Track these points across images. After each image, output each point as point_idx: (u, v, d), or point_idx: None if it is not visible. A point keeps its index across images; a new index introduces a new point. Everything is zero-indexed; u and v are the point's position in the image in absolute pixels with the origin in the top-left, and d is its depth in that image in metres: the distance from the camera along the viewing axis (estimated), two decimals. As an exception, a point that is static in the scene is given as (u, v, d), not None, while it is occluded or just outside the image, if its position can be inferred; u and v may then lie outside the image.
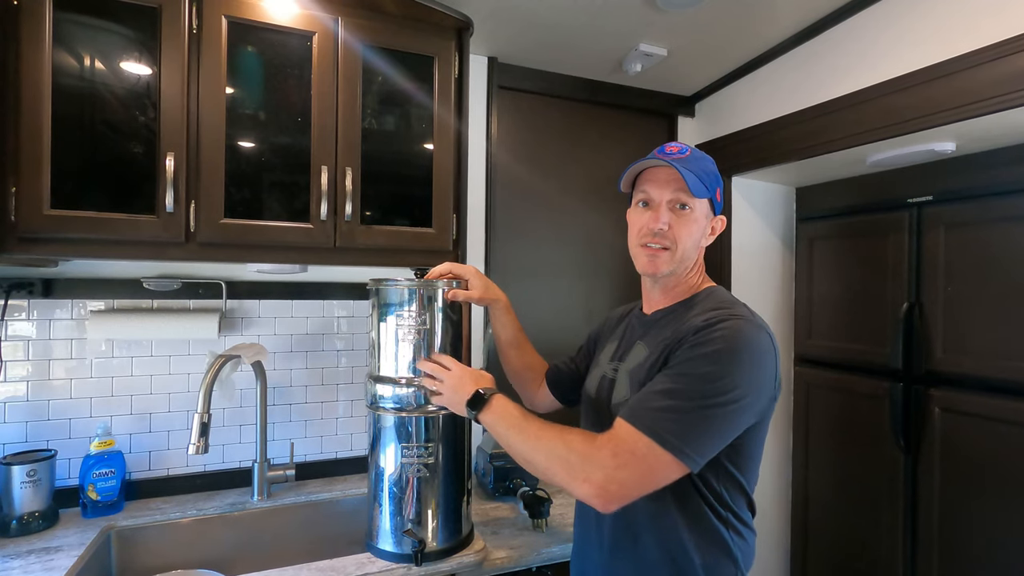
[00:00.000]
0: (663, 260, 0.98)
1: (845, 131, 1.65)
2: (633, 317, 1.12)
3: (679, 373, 0.85)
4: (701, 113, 2.28)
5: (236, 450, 1.62)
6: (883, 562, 1.86)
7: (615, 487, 0.81)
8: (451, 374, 1.12)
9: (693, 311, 0.96)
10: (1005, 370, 1.55)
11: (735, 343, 0.84)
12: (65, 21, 1.16)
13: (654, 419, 0.81)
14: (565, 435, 0.88)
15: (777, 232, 2.33)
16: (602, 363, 1.10)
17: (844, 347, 2.04)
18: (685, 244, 0.98)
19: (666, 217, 0.97)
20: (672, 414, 0.81)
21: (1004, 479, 1.54)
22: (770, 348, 0.87)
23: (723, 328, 0.85)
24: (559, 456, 0.86)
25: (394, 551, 1.22)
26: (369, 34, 1.39)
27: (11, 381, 1.42)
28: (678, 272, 1.01)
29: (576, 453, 0.84)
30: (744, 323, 0.87)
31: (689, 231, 0.98)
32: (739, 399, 0.82)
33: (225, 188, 1.27)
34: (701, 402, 0.81)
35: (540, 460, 0.88)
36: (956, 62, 1.38)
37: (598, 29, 1.72)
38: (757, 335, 0.86)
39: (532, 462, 0.90)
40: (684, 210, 0.97)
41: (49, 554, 1.22)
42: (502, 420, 0.97)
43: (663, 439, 0.80)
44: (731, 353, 0.83)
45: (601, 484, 0.81)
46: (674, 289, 1.03)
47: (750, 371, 0.84)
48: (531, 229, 2.07)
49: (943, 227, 1.71)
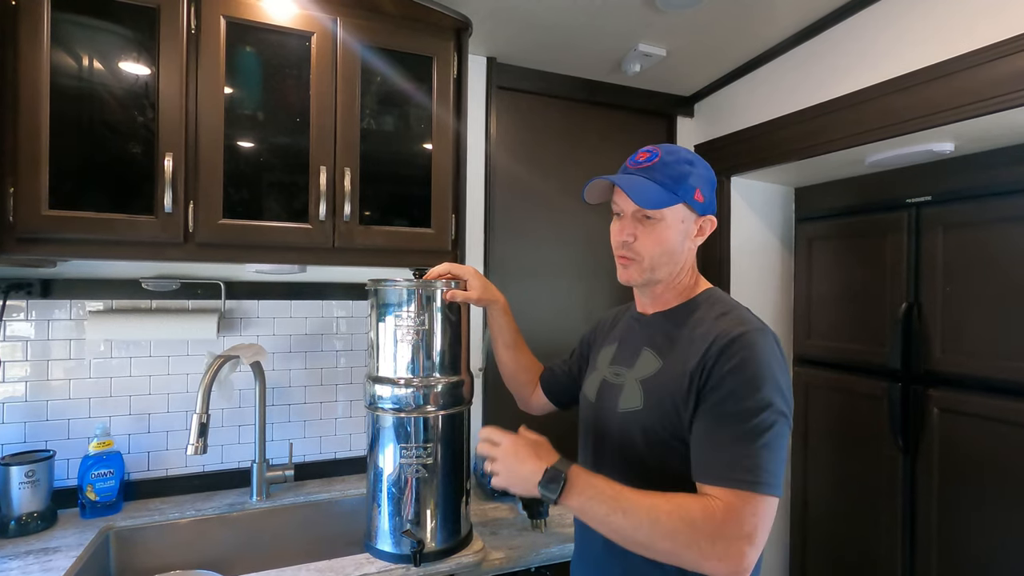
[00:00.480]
0: (632, 271, 0.99)
1: (844, 131, 1.65)
2: (629, 318, 1.11)
3: (737, 412, 0.82)
4: (700, 113, 2.28)
5: (235, 450, 1.62)
6: (882, 561, 1.86)
7: (751, 557, 0.77)
8: (501, 450, 0.93)
9: (696, 317, 0.95)
10: (1004, 370, 1.55)
11: (765, 358, 0.84)
12: (63, 21, 1.15)
13: (752, 471, 0.79)
14: (681, 512, 0.78)
15: (776, 232, 2.33)
16: (600, 366, 1.09)
17: (843, 347, 2.04)
18: (652, 253, 0.96)
19: (630, 229, 0.97)
20: (758, 458, 0.80)
21: (1003, 479, 1.55)
22: (777, 346, 0.89)
23: (749, 344, 0.85)
24: (685, 541, 0.77)
25: (393, 551, 1.22)
26: (368, 34, 1.39)
27: (9, 381, 1.42)
28: (657, 279, 0.99)
29: (703, 534, 0.77)
30: (759, 333, 0.87)
31: (656, 240, 0.96)
32: (787, 410, 0.85)
33: (224, 188, 1.27)
34: (769, 432, 0.81)
35: (662, 544, 0.79)
36: (955, 62, 1.38)
37: (597, 29, 1.72)
38: (772, 341, 0.87)
39: (649, 547, 0.80)
40: (650, 220, 0.96)
41: (47, 555, 1.22)
42: (597, 502, 0.83)
43: (769, 486, 0.79)
44: (767, 369, 0.84)
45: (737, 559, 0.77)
46: (664, 294, 1.02)
47: (784, 377, 0.86)
48: (530, 229, 2.07)
49: (942, 227, 1.72)
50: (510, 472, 0.91)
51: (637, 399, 0.95)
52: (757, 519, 0.78)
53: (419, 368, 1.24)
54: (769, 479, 0.79)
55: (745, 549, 0.77)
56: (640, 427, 0.93)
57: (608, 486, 0.84)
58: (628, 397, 0.97)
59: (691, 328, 0.95)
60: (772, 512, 0.80)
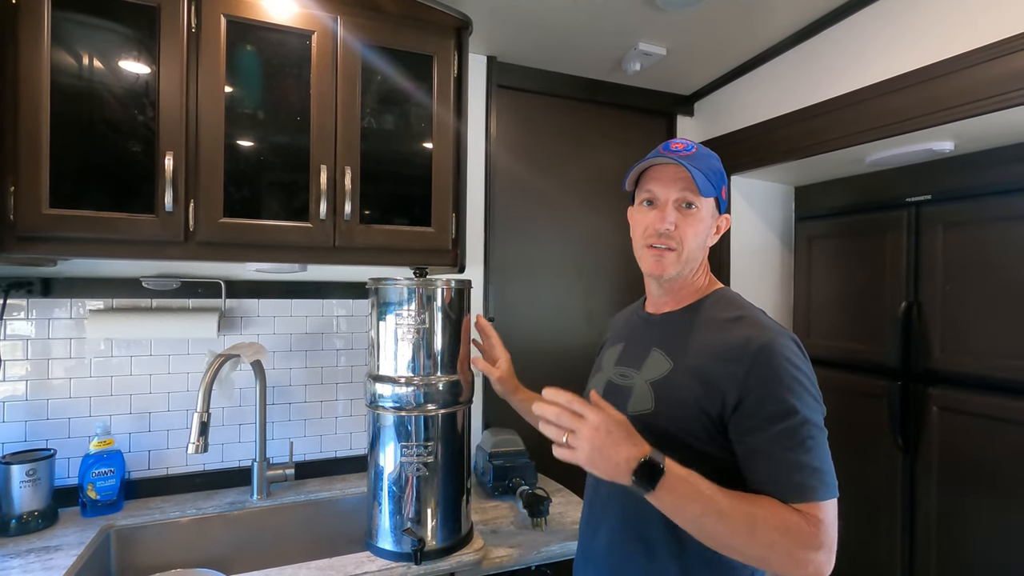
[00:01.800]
0: (669, 261, 0.95)
1: (844, 130, 1.66)
2: (637, 318, 1.08)
3: (784, 426, 0.83)
4: (700, 112, 2.28)
5: (235, 449, 1.62)
6: (881, 558, 1.87)
7: (830, 567, 0.80)
8: (589, 425, 0.81)
9: (708, 316, 0.95)
10: (1003, 369, 1.56)
11: (793, 365, 0.85)
12: (64, 20, 1.15)
13: (823, 484, 0.81)
14: (777, 521, 0.78)
15: (776, 231, 2.33)
16: (606, 367, 1.07)
17: (843, 346, 2.04)
18: (691, 245, 0.95)
19: (672, 216, 0.94)
20: (819, 468, 0.82)
21: (1002, 478, 1.55)
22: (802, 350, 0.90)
23: (777, 356, 0.85)
24: (778, 549, 0.78)
25: (394, 550, 1.22)
26: (368, 33, 1.39)
27: (10, 380, 1.42)
28: (684, 274, 0.98)
29: (798, 544, 0.78)
30: (785, 336, 0.87)
31: (695, 231, 0.95)
32: (822, 412, 0.86)
33: (224, 187, 1.27)
34: (817, 436, 0.83)
35: (756, 551, 0.79)
36: (954, 61, 1.38)
37: (597, 28, 1.72)
38: (795, 347, 0.88)
39: (743, 552, 0.80)
40: (691, 209, 0.94)
41: (48, 553, 1.22)
42: (691, 500, 0.79)
43: (834, 488, 0.82)
44: (803, 375, 0.85)
45: (820, 569, 0.79)
46: (680, 291, 1.00)
47: (812, 380, 0.86)
48: (530, 228, 2.07)
49: (941, 226, 1.72)
50: (599, 453, 0.81)
51: (648, 401, 0.93)
52: (833, 527, 0.81)
53: (420, 367, 1.24)
54: (831, 481, 0.82)
55: (831, 558, 0.80)
56: (652, 430, 0.89)
57: (704, 484, 0.80)
58: (638, 400, 0.94)
59: (705, 329, 0.93)
60: (834, 513, 0.82)
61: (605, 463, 0.81)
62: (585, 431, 0.81)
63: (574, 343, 2.14)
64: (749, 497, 0.81)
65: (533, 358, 2.03)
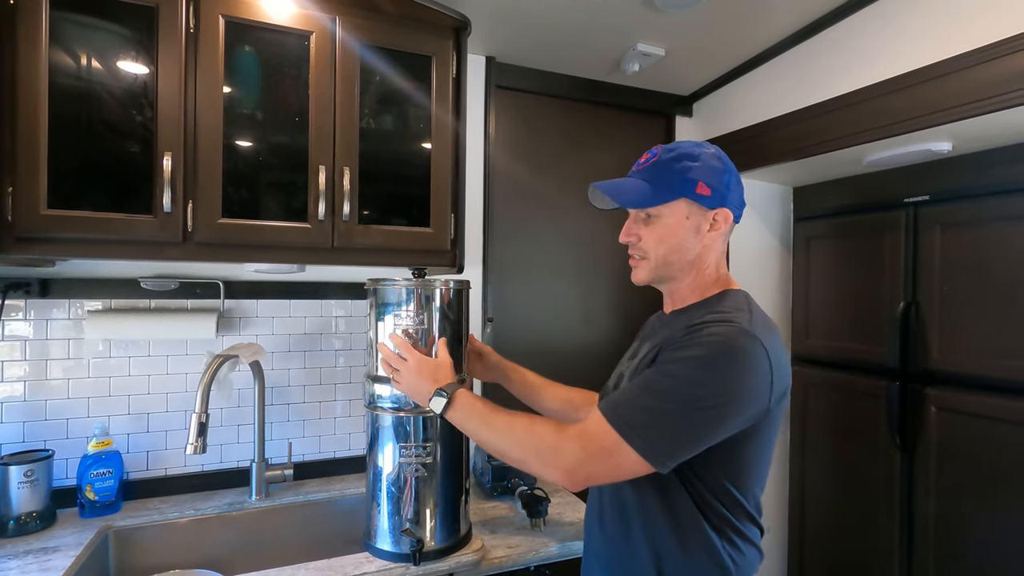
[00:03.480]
0: (641, 270, 1.01)
1: (842, 131, 1.66)
2: (656, 318, 1.13)
3: (660, 373, 0.86)
4: (699, 113, 2.29)
5: (234, 450, 1.62)
6: (880, 558, 1.87)
7: (582, 476, 0.89)
8: (407, 366, 1.13)
9: (699, 312, 0.95)
10: (1001, 369, 1.56)
11: (718, 349, 0.83)
12: (62, 20, 1.15)
13: (626, 416, 0.85)
14: (535, 426, 0.94)
15: (774, 232, 2.34)
16: (622, 361, 1.12)
17: (841, 346, 2.04)
18: (657, 252, 0.97)
19: (633, 228, 1.01)
20: (645, 414, 0.84)
21: (1000, 477, 1.55)
22: (762, 357, 0.83)
23: (711, 334, 0.84)
24: (531, 448, 0.93)
25: (392, 550, 1.22)
26: (367, 33, 1.39)
27: (8, 381, 1.41)
28: (669, 276, 1.00)
29: (547, 444, 0.91)
30: (734, 329, 0.84)
31: (658, 238, 0.97)
32: (716, 406, 0.82)
33: (223, 188, 1.27)
34: (674, 405, 0.83)
35: (513, 452, 0.95)
36: (952, 62, 1.38)
37: (596, 28, 1.72)
38: (747, 343, 0.83)
39: (505, 454, 0.97)
40: (651, 218, 0.98)
41: (47, 554, 1.21)
42: (470, 417, 1.03)
43: (631, 438, 0.83)
44: (712, 359, 0.82)
45: (570, 471, 0.88)
46: (675, 294, 1.03)
47: (733, 378, 0.82)
48: (529, 229, 2.07)
49: (939, 227, 1.72)
50: (409, 386, 1.12)
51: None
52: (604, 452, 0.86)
53: (418, 367, 1.24)
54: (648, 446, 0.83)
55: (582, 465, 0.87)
56: None
57: (486, 407, 1.02)
58: (623, 385, 1.00)
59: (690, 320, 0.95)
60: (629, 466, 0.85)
61: (415, 394, 1.12)
62: (403, 370, 1.13)
63: (573, 343, 2.14)
64: (527, 415, 0.98)
65: (532, 358, 2.02)
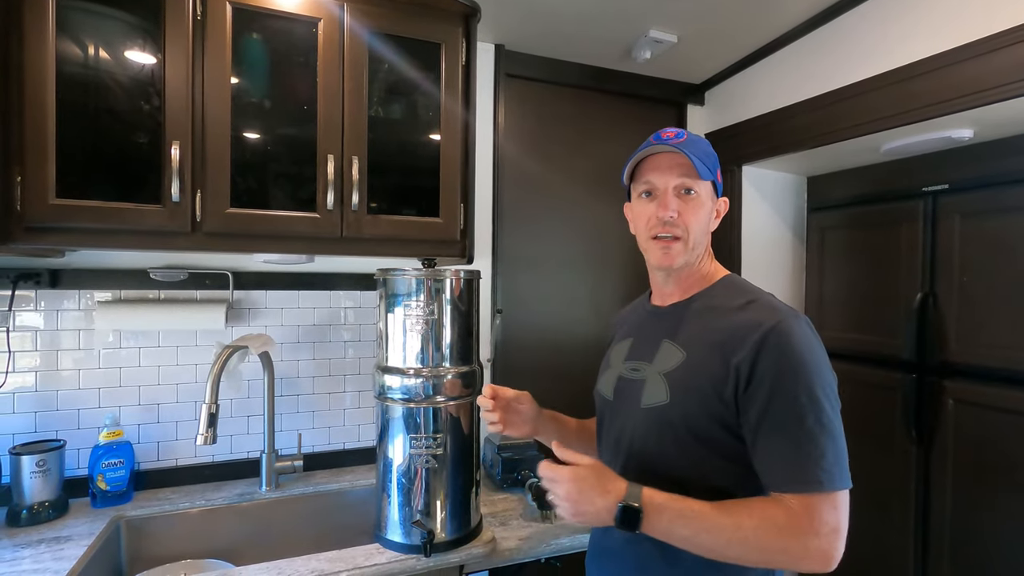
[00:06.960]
0: (676, 251, 0.94)
1: (860, 118, 1.62)
2: (645, 311, 1.07)
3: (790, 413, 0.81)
4: (711, 101, 2.25)
5: (244, 441, 1.62)
6: (895, 553, 1.85)
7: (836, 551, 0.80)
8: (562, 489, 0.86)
9: (718, 304, 0.93)
10: (1021, 361, 1.53)
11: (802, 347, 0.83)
12: (69, 8, 1.14)
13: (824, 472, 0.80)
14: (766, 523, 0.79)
15: (788, 222, 2.30)
16: (615, 363, 1.05)
17: (856, 338, 2.01)
18: (695, 231, 0.94)
19: (674, 204, 0.93)
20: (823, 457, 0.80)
21: (1019, 471, 1.52)
22: (813, 332, 0.87)
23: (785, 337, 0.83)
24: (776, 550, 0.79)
25: (403, 542, 1.21)
26: (375, 20, 1.37)
27: (20, 372, 1.42)
28: (691, 262, 0.97)
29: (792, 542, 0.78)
30: (794, 322, 0.85)
31: (698, 216, 0.94)
32: (833, 397, 0.84)
33: (231, 177, 1.26)
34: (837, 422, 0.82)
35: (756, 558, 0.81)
36: (975, 46, 1.35)
37: (607, 14, 1.69)
38: (806, 328, 0.86)
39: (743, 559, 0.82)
40: (691, 195, 0.94)
41: (59, 544, 1.22)
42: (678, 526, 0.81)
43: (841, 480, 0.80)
44: (808, 360, 0.82)
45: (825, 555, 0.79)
46: (687, 280, 0.99)
47: (825, 364, 0.85)
48: (538, 219, 2.05)
49: (959, 216, 1.68)
50: (578, 511, 0.85)
51: (662, 393, 0.91)
52: (838, 512, 0.79)
53: (428, 358, 1.23)
54: (839, 473, 0.80)
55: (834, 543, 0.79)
56: (667, 421, 0.90)
57: (684, 506, 0.82)
58: (652, 392, 0.93)
59: (715, 316, 0.92)
60: (847, 501, 0.81)
61: (588, 517, 0.85)
62: (561, 495, 0.86)
63: (583, 334, 2.12)
64: (735, 505, 0.82)
65: (541, 350, 2.02)
